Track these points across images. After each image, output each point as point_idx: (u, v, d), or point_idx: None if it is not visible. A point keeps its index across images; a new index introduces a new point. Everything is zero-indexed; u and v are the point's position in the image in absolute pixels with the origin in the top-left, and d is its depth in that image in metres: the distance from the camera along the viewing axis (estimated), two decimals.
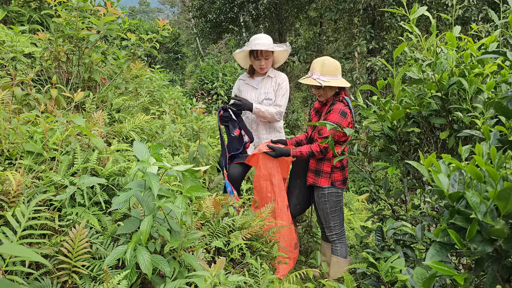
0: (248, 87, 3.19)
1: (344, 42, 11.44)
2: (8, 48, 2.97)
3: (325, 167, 2.70)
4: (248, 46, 3.02)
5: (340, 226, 2.79)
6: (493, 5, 8.29)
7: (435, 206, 1.97)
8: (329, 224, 2.77)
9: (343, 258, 2.77)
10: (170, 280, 1.70)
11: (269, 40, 3.04)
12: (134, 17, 24.09)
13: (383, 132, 2.24)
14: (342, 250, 2.77)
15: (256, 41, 2.99)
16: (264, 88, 3.14)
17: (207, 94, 8.73)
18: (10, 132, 2.05)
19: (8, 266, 1.47)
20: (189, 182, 1.70)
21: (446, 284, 1.36)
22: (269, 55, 3.04)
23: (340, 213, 2.78)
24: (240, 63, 3.20)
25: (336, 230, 2.78)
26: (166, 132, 3.48)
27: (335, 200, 2.73)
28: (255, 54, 3.01)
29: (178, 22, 26.49)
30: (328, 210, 2.74)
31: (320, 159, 2.73)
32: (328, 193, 2.72)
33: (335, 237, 2.79)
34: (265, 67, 3.07)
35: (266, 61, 3.04)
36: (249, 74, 3.21)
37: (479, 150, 1.17)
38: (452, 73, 1.97)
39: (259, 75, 3.19)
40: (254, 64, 3.09)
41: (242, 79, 3.26)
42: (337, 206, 2.75)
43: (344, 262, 2.76)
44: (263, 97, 3.13)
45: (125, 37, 3.22)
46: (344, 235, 2.82)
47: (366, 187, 7.61)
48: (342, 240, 2.79)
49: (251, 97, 3.14)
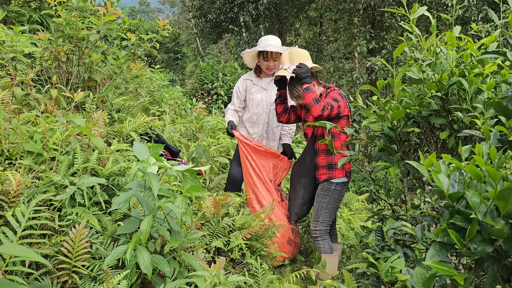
0: (257, 87, 3.18)
1: (344, 42, 11.43)
2: (8, 48, 2.97)
3: (337, 159, 2.67)
4: (258, 46, 3.03)
5: (327, 225, 2.76)
6: (493, 5, 8.29)
7: (435, 206, 1.97)
8: (318, 218, 2.75)
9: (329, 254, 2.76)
10: (170, 280, 1.70)
11: (278, 42, 3.08)
12: (134, 17, 24.08)
13: (383, 132, 2.24)
14: (326, 247, 2.74)
15: (267, 42, 3.01)
16: (275, 89, 3.17)
17: (207, 94, 8.73)
18: (10, 132, 2.05)
19: (8, 266, 1.47)
20: (189, 182, 1.70)
21: (446, 284, 1.36)
22: (278, 57, 3.06)
23: (333, 212, 2.76)
24: (247, 62, 3.21)
25: (321, 226, 2.74)
26: (166, 132, 3.48)
27: (336, 198, 2.72)
28: (265, 55, 3.03)
29: (178, 22, 26.49)
30: (324, 204, 2.73)
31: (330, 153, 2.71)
32: (334, 189, 2.71)
33: (318, 233, 2.75)
34: (273, 68, 3.09)
35: (275, 62, 3.06)
36: (256, 74, 3.21)
37: (479, 150, 1.17)
38: (452, 73, 1.97)
39: (267, 76, 3.19)
40: (262, 64, 3.10)
41: (248, 79, 3.22)
42: (335, 204, 2.74)
43: (332, 257, 2.75)
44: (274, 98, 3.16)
45: (125, 37, 3.22)
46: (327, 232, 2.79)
47: (366, 187, 7.61)
48: (324, 237, 2.76)
49: (261, 98, 3.15)
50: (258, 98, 3.15)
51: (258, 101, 3.16)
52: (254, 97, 3.16)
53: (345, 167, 2.70)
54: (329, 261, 2.71)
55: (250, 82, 3.21)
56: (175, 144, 3.70)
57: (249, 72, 3.30)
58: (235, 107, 3.21)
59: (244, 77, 3.25)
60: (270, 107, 3.18)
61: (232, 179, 3.13)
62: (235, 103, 3.21)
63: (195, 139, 4.43)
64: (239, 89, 3.21)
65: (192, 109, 5.59)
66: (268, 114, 3.18)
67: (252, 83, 3.20)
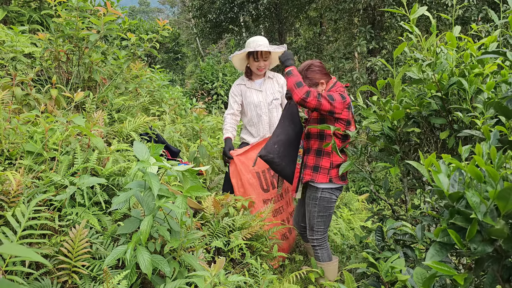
0: (251, 90, 3.18)
1: (344, 42, 11.44)
2: (8, 48, 2.97)
3: (324, 162, 2.54)
4: (246, 48, 3.03)
5: (323, 233, 2.64)
6: (493, 5, 8.29)
7: (435, 206, 1.97)
8: (313, 228, 2.62)
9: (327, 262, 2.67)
10: (170, 280, 1.70)
11: (266, 41, 3.08)
12: (134, 17, 24.09)
13: (383, 132, 2.24)
14: (324, 256, 2.65)
15: (257, 43, 3.02)
16: (269, 89, 3.19)
17: (207, 94, 8.73)
18: (10, 132, 2.05)
19: (8, 266, 1.47)
20: (189, 182, 1.70)
21: (446, 284, 1.36)
22: (268, 56, 3.08)
23: (327, 220, 2.63)
24: (236, 66, 3.20)
25: (317, 235, 2.63)
26: (166, 132, 3.48)
27: (325, 206, 2.58)
28: (255, 55, 3.04)
29: (178, 22, 26.49)
30: (315, 214, 2.60)
31: (319, 154, 2.57)
32: (321, 197, 2.57)
33: (316, 242, 2.64)
34: (264, 68, 3.11)
35: (265, 62, 3.08)
36: (248, 78, 3.21)
37: (479, 150, 1.17)
38: (452, 73, 1.97)
39: (258, 77, 3.20)
40: (253, 65, 3.10)
41: (242, 84, 3.21)
42: (326, 212, 2.60)
43: (330, 265, 2.66)
44: (271, 98, 3.17)
45: (125, 37, 3.22)
46: (326, 240, 2.67)
47: (366, 187, 7.61)
48: (323, 246, 2.66)
49: (258, 100, 3.15)
50: (255, 101, 3.15)
51: (256, 104, 3.16)
52: (251, 100, 3.16)
53: (331, 173, 2.54)
54: (328, 268, 2.66)
55: (243, 86, 3.21)
56: (175, 144, 3.70)
57: (241, 77, 3.29)
58: (234, 110, 3.19)
59: (237, 83, 3.24)
60: (269, 106, 3.17)
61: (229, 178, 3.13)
62: (233, 107, 3.19)
63: (195, 139, 4.43)
64: (235, 93, 3.21)
65: (192, 109, 5.59)
66: (267, 114, 3.18)
67: (245, 87, 3.20)
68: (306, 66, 2.60)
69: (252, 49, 2.98)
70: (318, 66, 2.60)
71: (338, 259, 2.83)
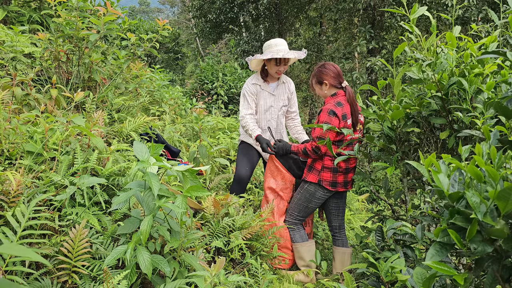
0: (265, 93, 3.11)
1: (344, 42, 11.44)
2: (8, 48, 2.97)
3: (317, 164, 2.73)
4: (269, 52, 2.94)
5: (294, 218, 2.86)
6: (493, 5, 8.29)
7: (435, 206, 1.97)
8: (290, 211, 2.88)
9: (300, 242, 2.85)
10: (170, 280, 1.70)
11: (286, 45, 3.03)
12: (134, 17, 24.09)
13: (383, 132, 2.24)
14: (296, 237, 2.86)
15: (279, 47, 2.95)
16: (282, 94, 3.16)
17: (207, 94, 8.73)
18: (10, 132, 2.05)
19: (8, 266, 1.47)
20: (189, 182, 1.70)
21: (446, 284, 1.36)
22: (288, 61, 3.02)
23: (303, 210, 2.82)
24: (252, 66, 3.10)
25: (289, 218, 2.87)
26: (166, 132, 3.48)
27: (307, 197, 2.77)
28: (277, 60, 2.96)
29: (178, 22, 26.50)
30: (296, 199, 2.85)
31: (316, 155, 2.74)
32: (306, 188, 2.78)
33: (287, 224, 2.89)
34: (282, 72, 3.05)
35: (285, 66, 3.02)
36: (263, 79, 3.11)
37: (479, 150, 1.17)
38: (452, 73, 1.97)
39: (274, 80, 3.14)
40: (272, 68, 3.00)
41: (257, 84, 3.10)
42: (306, 203, 2.79)
43: (303, 245, 2.84)
44: (281, 104, 3.15)
45: (125, 37, 3.22)
46: (298, 225, 2.89)
47: (366, 187, 7.61)
48: (293, 229, 2.88)
49: (270, 104, 3.11)
50: (267, 104, 3.11)
51: (267, 107, 3.11)
52: (263, 103, 3.10)
53: (321, 175, 2.70)
54: (300, 249, 2.83)
55: (258, 87, 3.11)
56: (175, 144, 3.70)
57: (254, 75, 3.16)
58: (252, 110, 3.07)
59: (252, 81, 3.11)
60: (278, 112, 3.15)
61: (239, 179, 3.07)
62: (252, 106, 3.07)
63: (195, 139, 4.43)
64: (252, 92, 3.08)
65: (192, 109, 5.59)
66: (276, 120, 3.16)
67: (260, 88, 3.11)
68: (320, 64, 2.81)
69: (280, 56, 2.87)
70: (328, 68, 2.75)
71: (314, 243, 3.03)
